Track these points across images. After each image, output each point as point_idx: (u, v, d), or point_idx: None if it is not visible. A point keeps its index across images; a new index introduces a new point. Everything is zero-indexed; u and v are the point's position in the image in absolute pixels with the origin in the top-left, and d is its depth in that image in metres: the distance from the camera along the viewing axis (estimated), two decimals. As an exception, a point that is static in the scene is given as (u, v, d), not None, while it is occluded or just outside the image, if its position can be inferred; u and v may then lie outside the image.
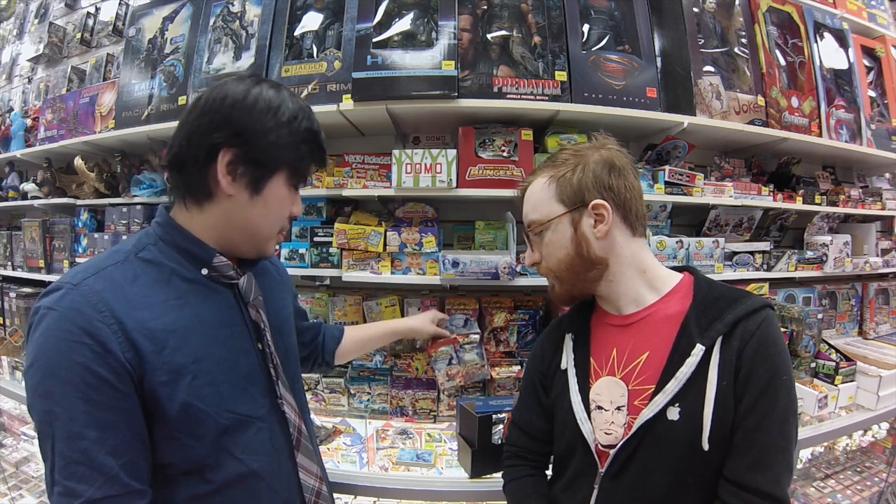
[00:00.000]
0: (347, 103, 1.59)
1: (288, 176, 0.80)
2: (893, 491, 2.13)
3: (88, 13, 2.62)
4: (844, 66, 2.14)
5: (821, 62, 2.05)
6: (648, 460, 0.80)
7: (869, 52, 2.26)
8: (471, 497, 1.33)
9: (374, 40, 1.59)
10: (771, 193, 1.93)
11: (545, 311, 1.85)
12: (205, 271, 0.78)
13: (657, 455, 0.79)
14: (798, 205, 2.00)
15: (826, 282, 2.27)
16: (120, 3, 2.45)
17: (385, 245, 1.65)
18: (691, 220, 2.02)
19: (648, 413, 0.79)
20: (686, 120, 1.69)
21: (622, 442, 0.81)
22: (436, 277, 1.63)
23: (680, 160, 1.84)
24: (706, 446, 0.75)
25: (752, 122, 1.84)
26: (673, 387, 0.77)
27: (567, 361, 0.93)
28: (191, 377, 0.71)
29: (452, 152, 1.59)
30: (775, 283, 2.07)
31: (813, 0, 2.11)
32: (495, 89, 1.58)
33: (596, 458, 0.85)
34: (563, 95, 1.60)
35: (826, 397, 1.67)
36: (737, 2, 1.93)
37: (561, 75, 1.61)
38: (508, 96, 1.58)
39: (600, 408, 0.86)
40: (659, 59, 1.73)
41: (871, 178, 2.54)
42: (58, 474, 0.63)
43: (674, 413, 0.77)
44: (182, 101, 1.85)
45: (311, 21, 1.74)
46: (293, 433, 0.87)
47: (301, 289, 1.92)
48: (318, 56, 1.69)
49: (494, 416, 1.31)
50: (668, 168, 1.71)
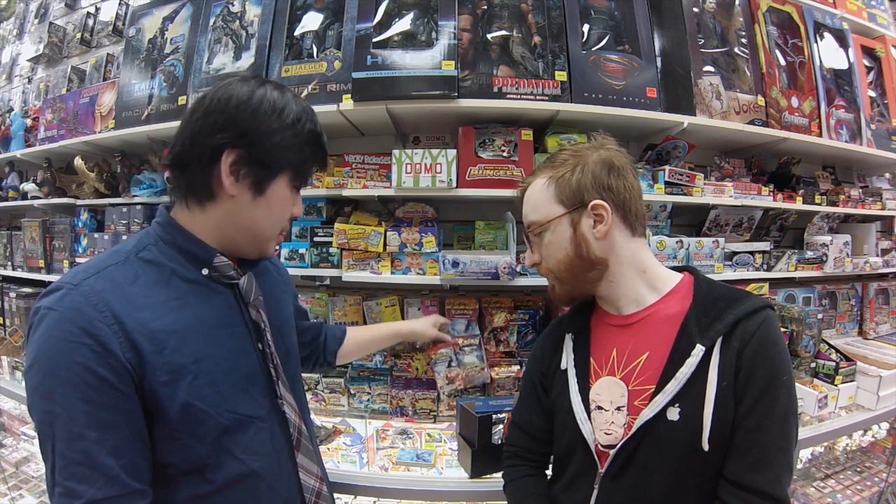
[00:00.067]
0: (347, 103, 1.59)
1: (291, 177, 0.81)
2: (893, 491, 2.13)
3: (88, 13, 2.62)
4: (844, 66, 2.14)
5: (821, 62, 2.05)
6: (648, 460, 0.80)
7: (869, 52, 2.26)
8: (471, 497, 1.33)
9: (374, 40, 1.59)
10: (771, 193, 1.93)
11: (545, 311, 1.85)
12: (205, 271, 0.79)
13: (657, 455, 0.79)
14: (798, 205, 2.00)
15: (826, 282, 2.27)
16: (120, 3, 2.45)
17: (385, 245, 1.65)
18: (691, 220, 2.02)
19: (648, 413, 0.79)
20: (686, 120, 1.69)
21: (622, 442, 0.81)
22: (436, 277, 1.64)
23: (680, 160, 1.84)
24: (706, 446, 0.75)
25: (752, 122, 1.84)
26: (673, 387, 0.77)
27: (567, 361, 0.93)
28: (191, 377, 0.71)
29: (452, 152, 1.59)
30: (775, 283, 2.07)
31: (813, 0, 2.11)
32: (495, 89, 1.58)
33: (596, 458, 0.85)
34: (563, 95, 1.60)
35: (826, 397, 1.67)
36: (737, 2, 1.93)
37: (561, 75, 1.61)
38: (508, 96, 1.58)
39: (600, 408, 0.86)
40: (659, 59, 1.73)
41: (871, 178, 2.54)
42: (58, 475, 0.63)
43: (674, 413, 0.77)
44: (182, 101, 1.86)
45: (311, 21, 1.74)
46: (293, 433, 0.87)
47: (301, 289, 1.92)
48: (318, 56, 1.69)
49: (494, 416, 1.31)
50: (668, 168, 1.71)
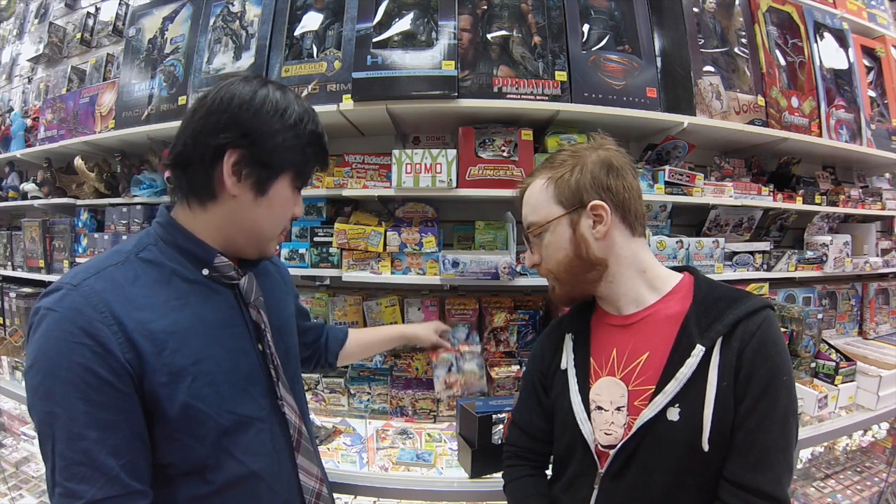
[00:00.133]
0: (347, 103, 1.59)
1: (292, 177, 0.81)
2: (893, 491, 2.13)
3: (88, 13, 2.62)
4: (844, 66, 2.14)
5: (821, 62, 2.05)
6: (648, 461, 0.80)
7: (869, 52, 2.26)
8: (471, 497, 1.33)
9: (374, 40, 1.59)
10: (771, 193, 1.93)
11: (545, 311, 1.85)
12: (206, 272, 0.78)
13: (657, 455, 0.79)
14: (798, 205, 2.00)
15: (826, 282, 2.27)
16: (120, 3, 2.45)
17: (385, 245, 1.65)
18: (691, 220, 2.02)
19: (648, 413, 0.79)
20: (686, 120, 1.69)
21: (622, 442, 0.81)
22: (436, 277, 1.64)
23: (680, 160, 1.84)
24: (706, 447, 0.75)
25: (752, 122, 1.84)
26: (673, 387, 0.77)
27: (567, 361, 0.93)
28: (191, 378, 0.71)
29: (452, 152, 1.59)
30: (775, 283, 2.07)
31: (813, 0, 2.11)
32: (495, 89, 1.58)
33: (596, 458, 0.85)
34: (563, 95, 1.60)
35: (826, 397, 1.67)
36: (737, 2, 1.93)
37: (561, 75, 1.61)
38: (508, 96, 1.58)
39: (600, 408, 0.86)
40: (659, 59, 1.73)
41: (871, 178, 2.54)
42: (58, 475, 0.63)
43: (674, 414, 0.77)
44: (182, 101, 1.86)
45: (311, 21, 1.74)
46: (293, 434, 0.87)
47: (301, 289, 1.92)
48: (318, 56, 1.69)
49: (494, 416, 1.31)
50: (668, 168, 1.71)
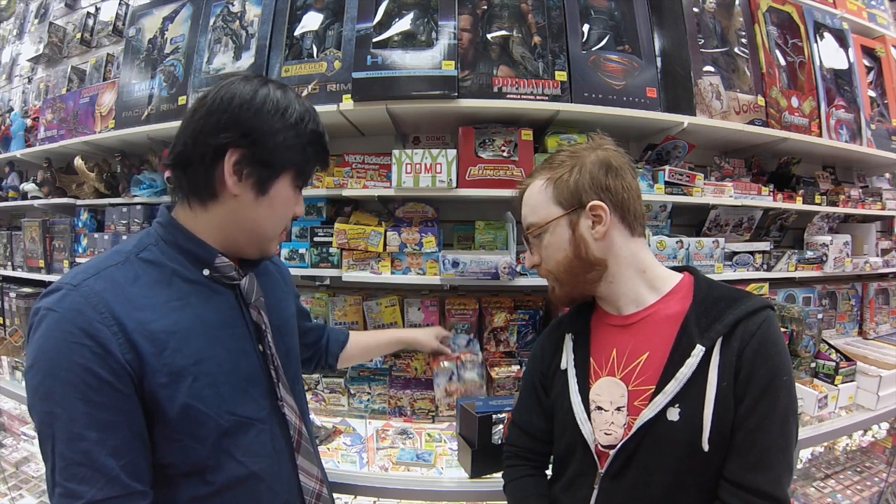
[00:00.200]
0: (347, 103, 1.59)
1: (293, 177, 0.81)
2: (893, 491, 2.13)
3: (88, 13, 2.62)
4: (844, 66, 2.14)
5: (821, 62, 2.05)
6: (648, 461, 0.80)
7: (869, 52, 2.26)
8: (471, 497, 1.33)
9: (374, 40, 1.59)
10: (771, 193, 1.93)
11: (545, 311, 1.85)
12: (206, 272, 0.78)
13: (657, 455, 0.79)
14: (798, 205, 2.00)
15: (826, 282, 2.27)
16: (120, 3, 2.45)
17: (385, 245, 1.65)
18: (691, 220, 2.02)
19: (648, 414, 0.79)
20: (686, 120, 1.69)
21: (622, 442, 0.81)
22: (436, 277, 1.64)
23: (680, 160, 1.84)
24: (706, 447, 0.75)
25: (752, 122, 1.84)
26: (673, 387, 0.77)
27: (567, 361, 0.93)
28: (191, 379, 0.71)
29: (452, 152, 1.59)
30: (775, 283, 2.07)
31: (813, 0, 2.11)
32: (495, 89, 1.58)
33: (596, 458, 0.85)
34: (563, 95, 1.60)
35: (826, 397, 1.67)
36: (737, 2, 1.93)
37: (561, 75, 1.60)
38: (508, 96, 1.58)
39: (600, 408, 0.86)
40: (659, 59, 1.73)
41: (871, 178, 2.54)
42: (58, 475, 0.63)
43: (674, 414, 0.77)
44: (182, 101, 1.86)
45: (311, 21, 1.74)
46: (293, 435, 0.86)
47: (301, 289, 1.92)
48: (318, 56, 1.69)
49: (494, 416, 1.31)
50: (668, 168, 1.71)
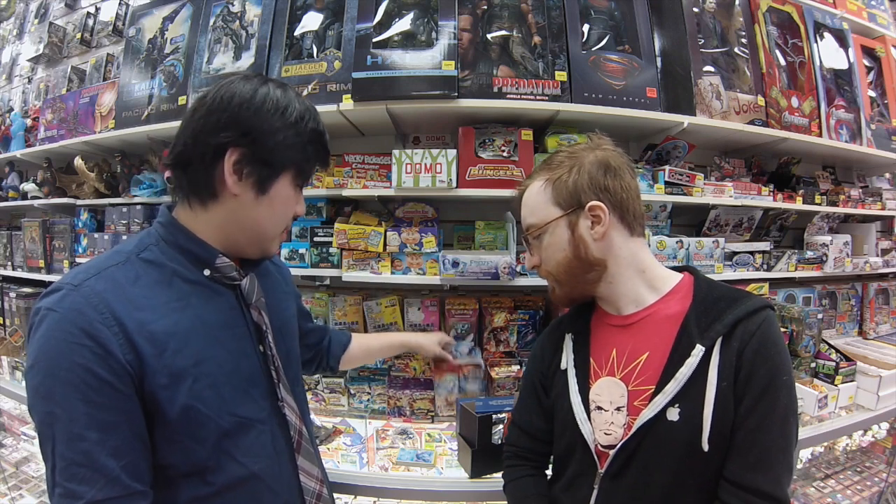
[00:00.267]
0: (347, 103, 1.59)
1: (293, 176, 0.80)
2: (893, 491, 2.13)
3: (88, 13, 2.62)
4: (844, 66, 2.14)
5: (821, 62, 2.05)
6: (648, 461, 0.80)
7: (869, 52, 2.26)
8: (471, 497, 1.33)
9: (374, 40, 1.59)
10: (771, 193, 1.93)
11: (545, 311, 1.85)
12: (207, 272, 0.78)
13: (657, 455, 0.79)
14: (798, 205, 2.00)
15: (826, 282, 2.27)
16: (120, 3, 2.45)
17: (385, 245, 1.65)
18: (691, 220, 2.02)
19: (648, 414, 0.79)
20: (686, 120, 1.69)
21: (622, 442, 0.81)
22: (436, 277, 1.64)
23: (680, 160, 1.83)
24: (706, 447, 0.75)
25: (752, 122, 1.83)
26: (672, 387, 0.77)
27: (567, 361, 0.93)
28: (192, 380, 0.71)
29: (452, 152, 1.59)
30: (775, 283, 2.07)
31: (813, 0, 2.11)
32: (495, 89, 1.58)
33: (595, 458, 0.85)
34: (563, 95, 1.60)
35: (826, 397, 1.67)
36: (737, 2, 1.93)
37: (561, 75, 1.60)
38: (508, 96, 1.58)
39: (600, 408, 0.86)
40: (659, 59, 1.73)
41: (871, 178, 2.54)
42: (59, 475, 0.63)
43: (673, 414, 0.77)
44: (182, 101, 1.85)
45: (311, 21, 1.74)
46: (294, 436, 0.86)
47: (301, 289, 1.91)
48: (318, 56, 1.69)
49: (494, 416, 1.31)
50: (668, 168, 1.71)
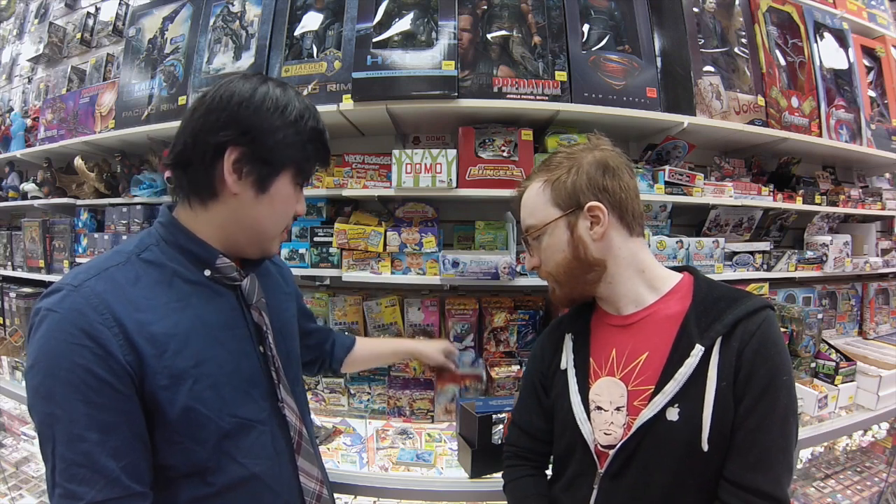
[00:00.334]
0: (347, 103, 1.59)
1: (293, 175, 0.80)
2: (893, 491, 2.13)
3: (88, 13, 2.62)
4: (844, 66, 2.14)
5: (821, 62, 2.05)
6: (648, 461, 0.80)
7: (869, 52, 2.26)
8: (471, 497, 1.33)
9: (374, 40, 1.59)
10: (771, 193, 1.93)
11: (545, 311, 1.85)
12: (207, 272, 0.78)
13: (657, 455, 0.79)
14: (798, 205, 2.00)
15: (826, 282, 2.27)
16: (120, 3, 2.45)
17: (385, 245, 1.65)
18: (691, 220, 2.02)
19: (648, 413, 0.79)
20: (686, 120, 1.69)
21: (621, 442, 0.81)
22: (436, 277, 1.64)
23: (680, 160, 1.83)
24: (706, 447, 0.75)
25: (752, 122, 1.83)
26: (672, 387, 0.77)
27: (567, 362, 0.93)
28: (192, 381, 0.70)
29: (452, 152, 1.59)
30: (775, 283, 2.07)
31: (813, 0, 2.11)
32: (495, 89, 1.58)
33: (595, 458, 0.85)
34: (563, 95, 1.60)
35: (826, 397, 1.67)
36: (737, 2, 1.93)
37: (561, 75, 1.60)
38: (508, 96, 1.58)
39: (600, 408, 0.86)
40: (659, 59, 1.73)
41: (871, 178, 2.54)
42: (58, 476, 0.63)
43: (673, 414, 0.77)
44: (182, 101, 1.85)
45: (311, 21, 1.74)
46: (294, 437, 0.86)
47: (301, 289, 1.89)
48: (318, 56, 1.69)
49: (494, 416, 1.31)
50: (668, 168, 1.71)
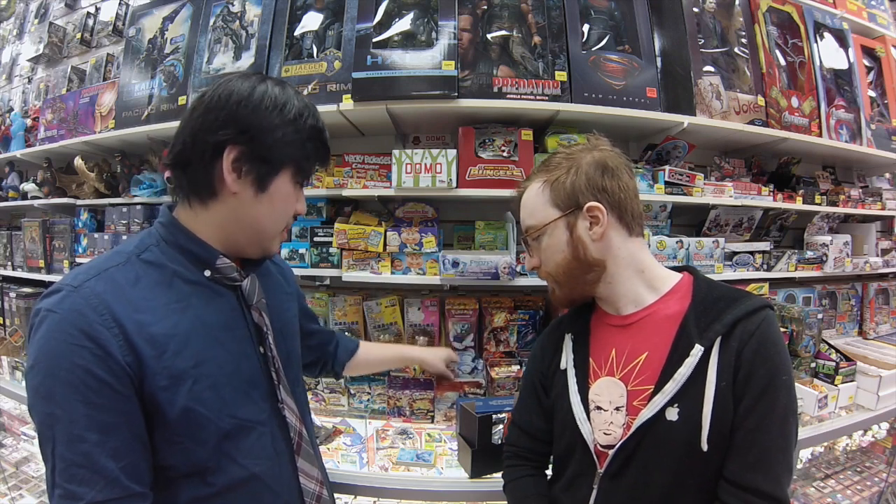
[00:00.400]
0: (347, 103, 1.59)
1: (293, 173, 0.80)
2: (893, 491, 2.13)
3: (88, 13, 2.62)
4: (844, 66, 2.14)
5: (821, 62, 2.05)
6: (648, 461, 0.80)
7: (869, 52, 2.26)
8: (471, 497, 1.33)
9: (374, 40, 1.59)
10: (771, 193, 1.93)
11: (545, 311, 1.85)
12: (207, 273, 0.78)
13: (656, 455, 0.79)
14: (798, 205, 2.00)
15: (826, 282, 2.27)
16: (120, 3, 2.45)
17: (385, 245, 1.65)
18: (691, 220, 2.02)
19: (647, 413, 0.79)
20: (686, 120, 1.69)
21: (621, 442, 0.81)
22: (436, 277, 1.64)
23: (680, 160, 1.83)
24: (705, 447, 0.75)
25: (752, 122, 1.83)
26: (671, 387, 0.77)
27: (567, 361, 0.93)
28: (191, 382, 0.70)
29: (452, 152, 1.59)
30: (775, 283, 2.07)
31: (813, 0, 2.10)
32: (495, 89, 1.58)
33: (595, 458, 0.86)
34: (563, 95, 1.60)
35: (826, 397, 1.67)
36: (737, 2, 1.93)
37: (561, 75, 1.60)
38: (508, 96, 1.58)
39: (599, 408, 0.86)
40: (659, 59, 1.73)
41: (871, 178, 2.54)
42: (58, 476, 0.63)
43: (672, 413, 0.77)
44: (182, 101, 1.86)
45: (311, 21, 1.74)
46: (294, 437, 0.86)
47: (301, 289, 1.91)
48: (318, 56, 1.69)
49: (494, 416, 1.31)
50: (668, 168, 1.71)
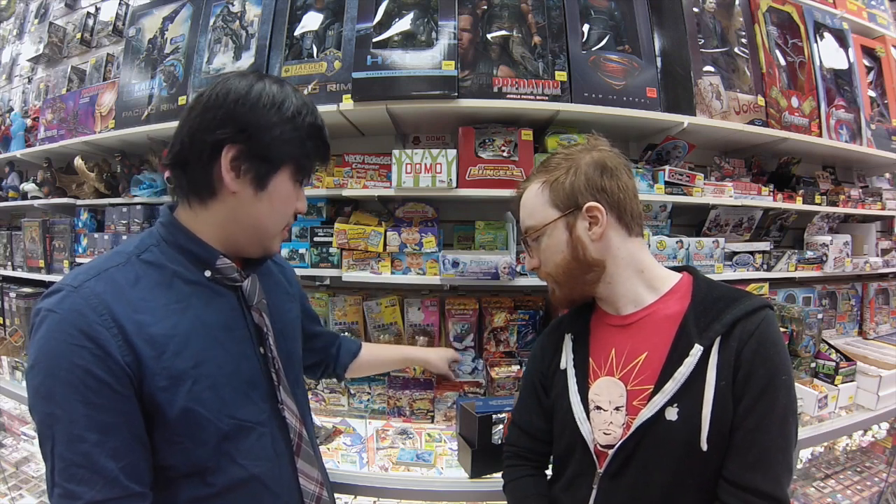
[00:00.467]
0: (347, 103, 1.59)
1: (293, 171, 0.80)
2: (893, 491, 2.13)
3: (88, 13, 2.62)
4: (844, 66, 2.14)
5: (821, 62, 2.05)
6: (647, 460, 0.80)
7: (869, 52, 2.26)
8: (471, 497, 1.33)
9: (374, 40, 1.59)
10: (771, 193, 1.93)
11: (545, 311, 1.85)
12: (207, 273, 0.78)
13: (656, 455, 0.79)
14: (798, 205, 2.00)
15: (826, 282, 2.27)
16: (120, 3, 2.45)
17: (385, 245, 1.65)
18: (691, 220, 2.02)
19: (647, 413, 0.79)
20: (686, 120, 1.69)
21: (620, 442, 0.82)
22: (436, 277, 1.64)
23: (680, 160, 1.83)
24: (705, 446, 0.75)
25: (752, 122, 1.83)
26: (671, 387, 0.77)
27: (566, 361, 0.93)
28: (191, 382, 0.70)
29: (452, 152, 1.59)
30: (775, 283, 2.07)
31: (813, 0, 2.10)
32: (495, 89, 1.58)
33: (595, 458, 0.86)
34: (563, 95, 1.60)
35: (826, 397, 1.67)
36: (737, 2, 1.93)
37: (561, 75, 1.60)
38: (508, 96, 1.58)
39: (599, 408, 0.86)
40: (659, 59, 1.73)
41: (871, 178, 2.54)
42: (58, 476, 0.63)
43: (672, 413, 0.77)
44: (182, 101, 1.86)
45: (311, 21, 1.74)
46: (294, 439, 0.86)
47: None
48: (318, 56, 1.69)
49: (494, 416, 1.31)
50: (668, 168, 1.71)
